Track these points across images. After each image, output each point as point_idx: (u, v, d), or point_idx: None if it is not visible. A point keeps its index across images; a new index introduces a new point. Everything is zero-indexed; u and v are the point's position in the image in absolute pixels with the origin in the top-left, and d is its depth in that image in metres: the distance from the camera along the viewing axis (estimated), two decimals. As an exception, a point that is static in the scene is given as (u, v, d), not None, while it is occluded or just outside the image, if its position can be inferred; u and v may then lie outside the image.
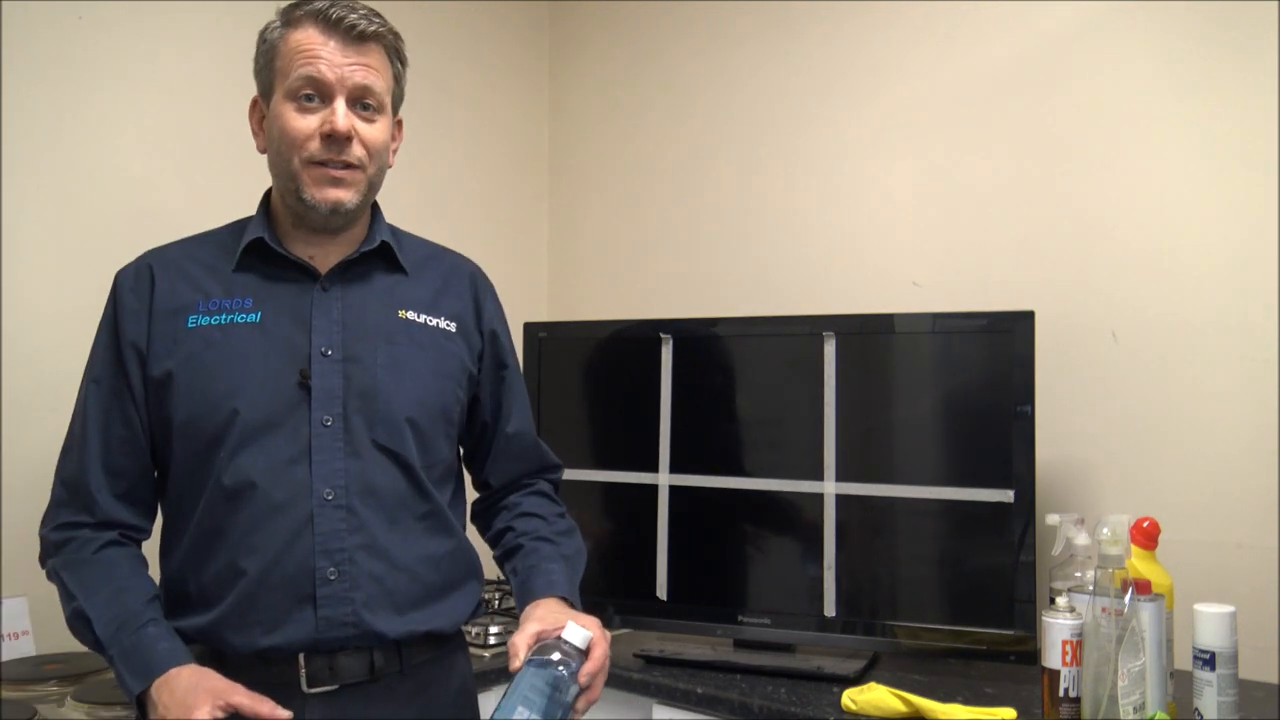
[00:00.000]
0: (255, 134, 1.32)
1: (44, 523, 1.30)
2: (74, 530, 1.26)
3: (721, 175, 2.41)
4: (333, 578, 1.22)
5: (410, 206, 1.44)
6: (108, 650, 1.19)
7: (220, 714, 1.10)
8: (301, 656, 1.22)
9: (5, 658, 1.72)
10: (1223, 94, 1.75)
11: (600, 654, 1.19)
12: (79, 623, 1.22)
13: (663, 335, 1.95)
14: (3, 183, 1.83)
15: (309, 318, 1.28)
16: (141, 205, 1.98)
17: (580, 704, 1.16)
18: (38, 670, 1.67)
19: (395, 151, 1.37)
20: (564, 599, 1.31)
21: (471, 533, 1.42)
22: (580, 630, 1.18)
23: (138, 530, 1.30)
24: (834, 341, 1.83)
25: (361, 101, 1.26)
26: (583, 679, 1.16)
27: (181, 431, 1.25)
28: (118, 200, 1.96)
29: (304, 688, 1.22)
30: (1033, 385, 1.69)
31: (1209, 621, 1.40)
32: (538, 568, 1.35)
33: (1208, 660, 1.39)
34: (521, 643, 1.18)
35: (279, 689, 1.19)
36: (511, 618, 2.09)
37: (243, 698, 1.12)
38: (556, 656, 1.15)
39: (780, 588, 1.86)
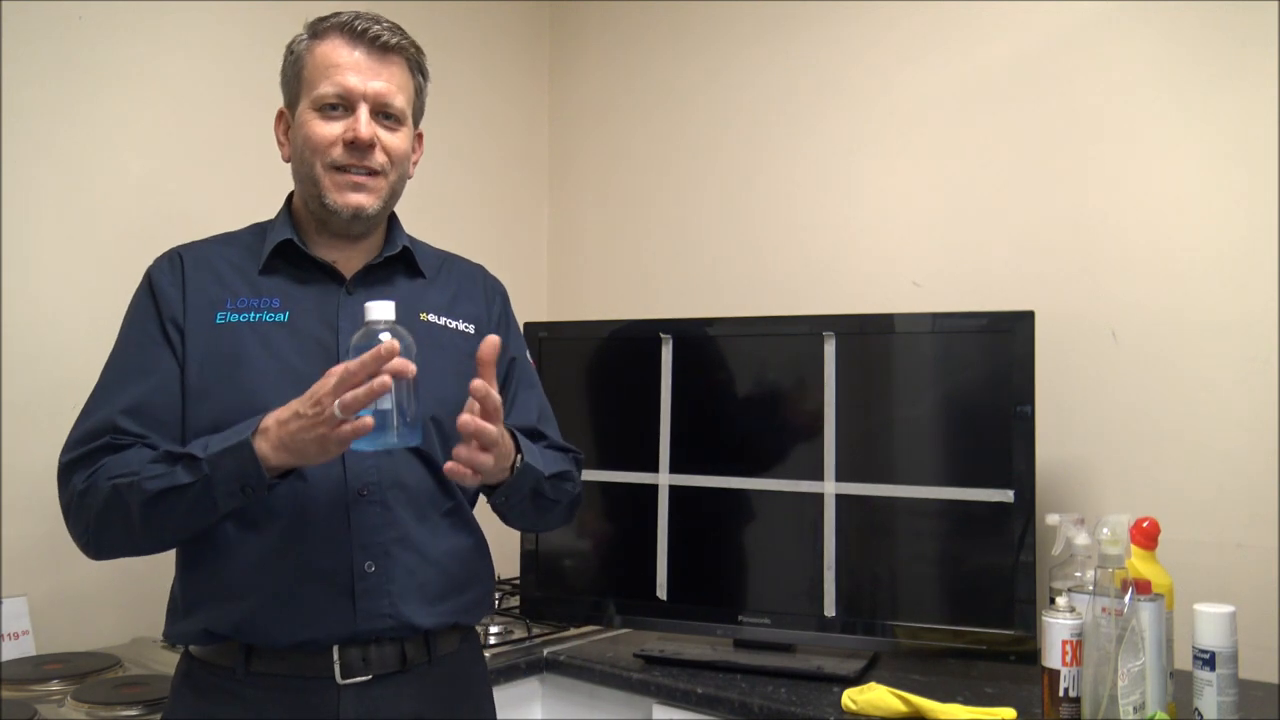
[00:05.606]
0: (280, 144, 1.36)
1: (62, 469, 1.25)
2: (100, 455, 1.22)
3: (721, 175, 2.41)
4: (370, 571, 1.25)
5: (411, 206, 1.45)
6: (196, 473, 1.14)
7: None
8: (336, 649, 1.24)
9: (5, 658, 1.72)
10: (1222, 94, 1.75)
11: (491, 405, 1.16)
12: (135, 494, 1.16)
13: (663, 335, 1.95)
14: (2, 185, 1.83)
15: (335, 320, 1.31)
16: (142, 208, 1.98)
17: (463, 451, 1.15)
18: (38, 670, 1.67)
19: (415, 163, 1.41)
20: (512, 433, 1.29)
21: (487, 532, 1.42)
22: (382, 303, 1.14)
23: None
24: (834, 341, 1.83)
25: (384, 111, 1.30)
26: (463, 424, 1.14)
27: (213, 425, 1.23)
28: (118, 202, 1.96)
29: (338, 679, 1.24)
30: (1033, 385, 1.69)
31: (1209, 621, 1.40)
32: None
33: (1208, 660, 1.40)
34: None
35: (313, 680, 1.23)
36: (512, 617, 2.09)
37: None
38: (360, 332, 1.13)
39: (780, 588, 1.86)
